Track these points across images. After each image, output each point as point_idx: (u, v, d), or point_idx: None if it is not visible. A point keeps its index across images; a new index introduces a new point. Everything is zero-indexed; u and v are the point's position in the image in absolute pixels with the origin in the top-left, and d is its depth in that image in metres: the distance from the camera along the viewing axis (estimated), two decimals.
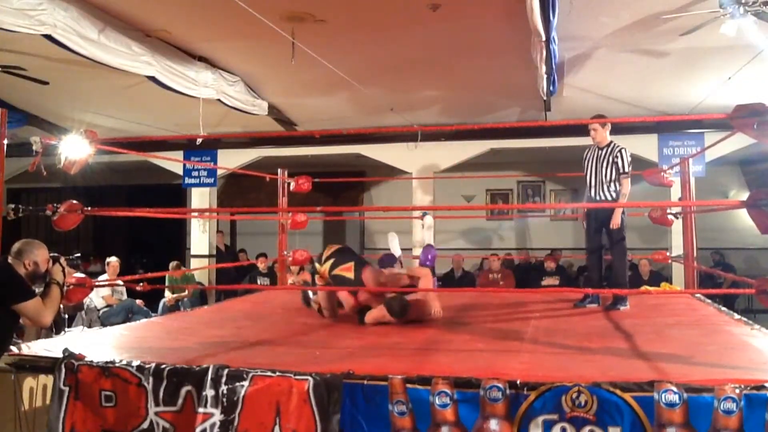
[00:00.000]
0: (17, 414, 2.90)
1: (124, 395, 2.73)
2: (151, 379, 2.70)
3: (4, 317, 2.83)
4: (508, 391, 2.39)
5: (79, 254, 3.42)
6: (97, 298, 7.79)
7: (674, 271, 8.40)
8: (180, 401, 2.66)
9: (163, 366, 2.72)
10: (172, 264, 8.83)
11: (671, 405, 2.27)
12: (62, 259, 3.13)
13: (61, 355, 2.87)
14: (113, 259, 8.06)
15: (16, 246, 3.03)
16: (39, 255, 3.02)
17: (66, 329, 6.51)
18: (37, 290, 2.99)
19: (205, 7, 5.35)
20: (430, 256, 5.10)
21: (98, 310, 7.78)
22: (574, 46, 6.09)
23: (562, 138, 8.99)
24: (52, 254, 3.10)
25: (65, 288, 3.50)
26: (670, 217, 5.95)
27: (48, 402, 2.86)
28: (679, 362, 2.84)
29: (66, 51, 5.25)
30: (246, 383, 2.60)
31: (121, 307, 7.80)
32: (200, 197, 10.40)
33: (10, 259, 2.98)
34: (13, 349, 3.11)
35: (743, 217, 4.25)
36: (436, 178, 9.43)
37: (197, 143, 8.77)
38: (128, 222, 12.58)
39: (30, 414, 2.92)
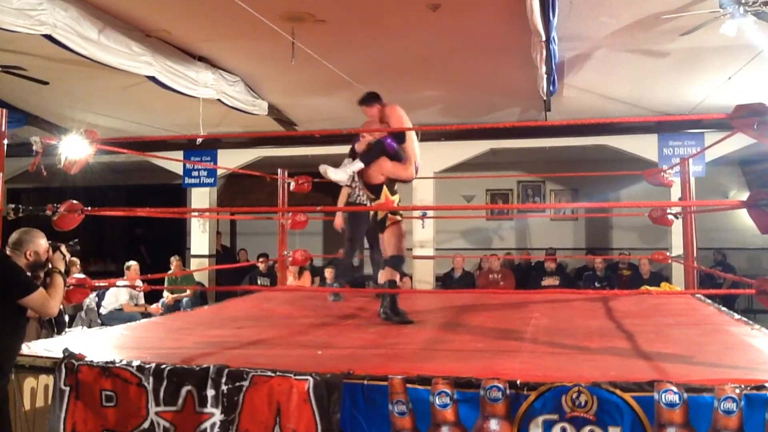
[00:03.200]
0: (17, 414, 2.90)
1: (124, 395, 2.73)
2: (151, 379, 2.70)
3: (11, 313, 2.81)
4: (508, 391, 2.39)
5: (77, 239, 3.40)
6: (113, 303, 7.67)
7: (674, 271, 8.40)
8: (180, 401, 2.66)
9: (164, 366, 2.72)
10: (173, 259, 8.82)
11: (671, 405, 2.27)
12: (63, 247, 3.11)
13: (61, 355, 2.87)
14: (133, 263, 7.83)
15: (14, 236, 2.97)
16: (40, 245, 2.99)
17: (66, 329, 6.49)
18: (37, 280, 2.97)
19: (205, 7, 5.35)
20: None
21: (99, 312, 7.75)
22: (574, 46, 6.09)
23: (562, 138, 8.99)
24: (51, 242, 3.07)
25: (67, 287, 3.50)
26: (670, 217, 5.95)
27: (49, 402, 2.86)
28: (679, 362, 2.84)
29: (66, 51, 5.25)
30: (246, 383, 2.60)
31: (130, 314, 7.61)
32: (200, 197, 10.40)
33: (8, 251, 2.93)
34: None
35: (743, 217, 4.25)
36: (436, 178, 9.43)
37: (197, 143, 8.77)
38: (128, 222, 12.59)
39: (30, 414, 2.92)
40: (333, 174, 4.32)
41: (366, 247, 5.78)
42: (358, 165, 4.28)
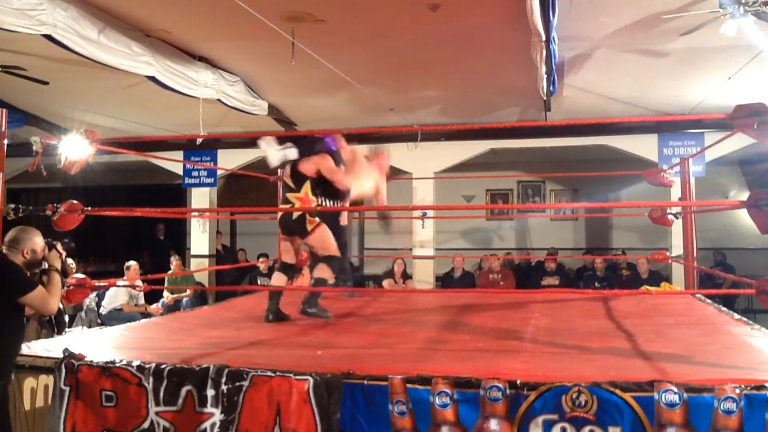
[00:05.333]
0: (17, 414, 2.90)
1: (124, 395, 2.73)
2: (151, 378, 2.70)
3: (10, 312, 2.81)
4: (508, 391, 2.39)
5: (66, 240, 3.42)
6: (113, 303, 7.66)
7: (674, 271, 8.41)
8: (180, 401, 2.66)
9: (164, 366, 2.72)
10: (173, 258, 8.81)
11: (671, 405, 2.27)
12: (59, 245, 3.13)
13: (61, 355, 2.87)
14: (133, 263, 7.80)
15: (11, 234, 2.98)
16: (36, 242, 3.00)
17: (66, 329, 6.49)
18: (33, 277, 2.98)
19: (205, 7, 5.35)
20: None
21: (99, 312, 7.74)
22: (574, 46, 6.09)
23: (562, 138, 9.00)
24: (47, 240, 3.08)
25: (67, 287, 3.51)
26: (670, 217, 5.95)
27: (49, 402, 2.86)
28: (679, 362, 2.84)
29: (66, 51, 5.24)
30: (246, 383, 2.60)
31: (130, 314, 7.59)
32: (200, 197, 10.40)
33: (5, 249, 2.94)
34: None
35: (743, 217, 4.25)
36: (436, 178, 9.43)
37: (197, 143, 8.77)
38: (128, 222, 12.58)
39: (30, 414, 2.93)
40: (268, 149, 4.38)
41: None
42: (293, 152, 4.34)
